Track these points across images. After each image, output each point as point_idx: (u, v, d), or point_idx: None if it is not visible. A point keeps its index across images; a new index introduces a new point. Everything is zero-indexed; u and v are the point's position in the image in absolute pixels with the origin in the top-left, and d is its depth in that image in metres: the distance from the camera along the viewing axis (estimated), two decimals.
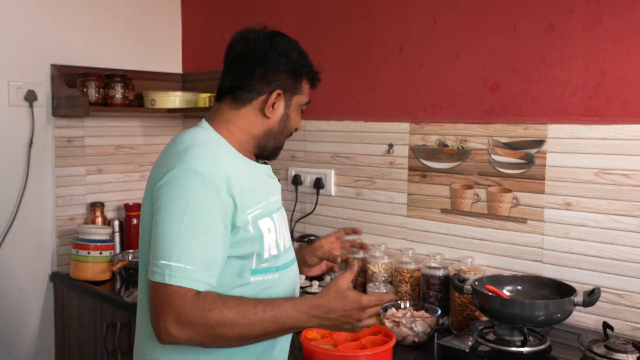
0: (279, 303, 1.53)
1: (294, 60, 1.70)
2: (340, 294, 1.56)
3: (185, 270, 1.46)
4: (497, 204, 2.39)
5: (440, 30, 2.54)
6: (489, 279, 2.17)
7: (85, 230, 3.03)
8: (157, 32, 3.51)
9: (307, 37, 2.97)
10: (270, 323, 1.50)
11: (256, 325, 1.49)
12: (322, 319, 1.56)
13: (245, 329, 1.48)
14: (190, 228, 1.48)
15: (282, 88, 1.69)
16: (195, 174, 1.51)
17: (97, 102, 3.09)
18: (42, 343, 3.18)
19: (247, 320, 1.48)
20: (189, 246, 1.48)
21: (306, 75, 1.75)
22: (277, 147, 1.78)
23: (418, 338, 2.18)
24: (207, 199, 1.51)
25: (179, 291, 1.46)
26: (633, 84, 2.08)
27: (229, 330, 1.47)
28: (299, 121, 1.79)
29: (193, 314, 1.45)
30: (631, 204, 2.09)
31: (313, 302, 1.56)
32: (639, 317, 2.10)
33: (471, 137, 2.45)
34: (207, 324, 1.46)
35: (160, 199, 1.52)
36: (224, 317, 1.46)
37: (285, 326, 1.53)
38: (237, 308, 1.48)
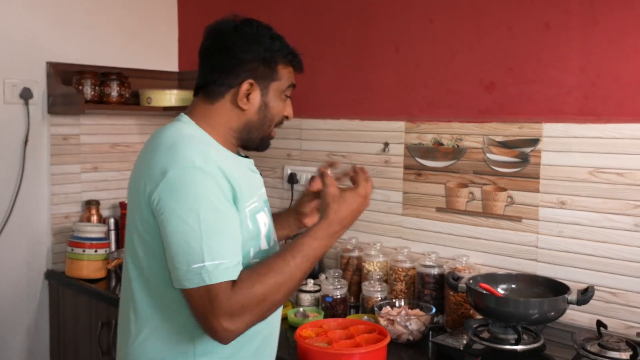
0: (300, 243, 1.54)
1: (264, 46, 1.65)
2: (339, 200, 1.60)
3: (221, 265, 1.45)
4: (492, 203, 2.40)
5: (436, 29, 2.54)
6: (484, 277, 2.18)
7: (80, 228, 3.02)
8: (153, 30, 3.51)
9: (304, 36, 2.98)
10: (306, 263, 1.53)
11: (296, 273, 1.52)
12: (341, 230, 1.60)
13: (289, 282, 1.51)
14: (209, 224, 1.46)
15: (254, 77, 1.64)
16: (193, 170, 1.49)
17: (93, 99, 3.08)
18: (37, 341, 3.17)
19: (287, 274, 1.50)
20: (215, 241, 1.46)
21: (283, 59, 1.68)
22: (263, 138, 1.73)
23: (413, 336, 2.18)
24: (212, 190, 1.49)
25: (220, 287, 1.44)
26: (628, 84, 2.09)
27: (277, 292, 1.49)
28: (283, 108, 1.73)
29: (241, 299, 1.45)
30: (625, 203, 2.10)
31: (325, 223, 1.58)
32: (632, 316, 2.11)
33: (466, 135, 2.46)
34: (257, 300, 1.46)
35: (166, 205, 1.48)
36: (267, 285, 1.48)
37: (317, 257, 1.56)
38: (272, 270, 1.49)
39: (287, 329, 2.31)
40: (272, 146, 1.83)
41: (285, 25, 3.04)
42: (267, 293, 1.47)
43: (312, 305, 2.51)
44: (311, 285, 2.53)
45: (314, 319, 2.29)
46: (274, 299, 1.50)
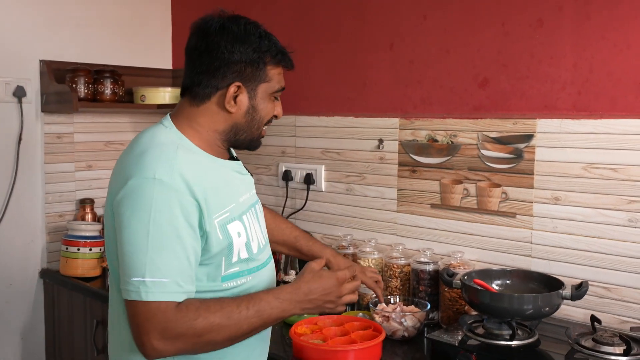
0: (260, 297, 1.52)
1: (252, 46, 1.58)
2: (315, 274, 1.58)
3: (161, 284, 1.42)
4: (487, 199, 2.40)
5: (430, 26, 2.54)
6: (478, 273, 2.18)
7: (75, 227, 3.02)
8: (147, 27, 3.50)
9: (298, 33, 2.99)
10: (256, 318, 1.49)
11: (243, 324, 1.48)
12: (304, 302, 1.55)
13: (233, 329, 1.47)
14: (158, 239, 1.42)
15: (241, 79, 1.59)
16: (153, 181, 1.44)
17: (87, 97, 3.08)
18: (32, 339, 3.18)
19: (233, 321, 1.47)
20: (160, 258, 1.42)
21: (272, 59, 1.62)
22: (252, 140, 1.68)
23: (408, 333, 2.19)
24: (169, 206, 1.44)
25: (160, 306, 1.42)
26: (621, 79, 2.10)
27: (217, 334, 1.46)
28: (272, 109, 1.68)
29: (179, 326, 1.42)
30: (619, 198, 2.11)
31: (292, 287, 1.56)
32: (626, 310, 2.12)
33: (461, 132, 2.46)
34: (194, 333, 1.43)
35: (122, 213, 1.46)
36: (210, 323, 1.44)
37: (270, 318, 1.52)
38: (221, 311, 1.46)
39: (282, 326, 2.31)
40: (267, 144, 1.83)
41: (279, 21, 3.05)
42: (206, 330, 1.44)
43: None
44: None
45: (309, 316, 2.29)
46: (212, 338, 1.46)
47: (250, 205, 1.71)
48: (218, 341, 1.47)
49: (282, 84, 1.68)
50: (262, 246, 1.71)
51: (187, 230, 1.47)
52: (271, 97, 1.66)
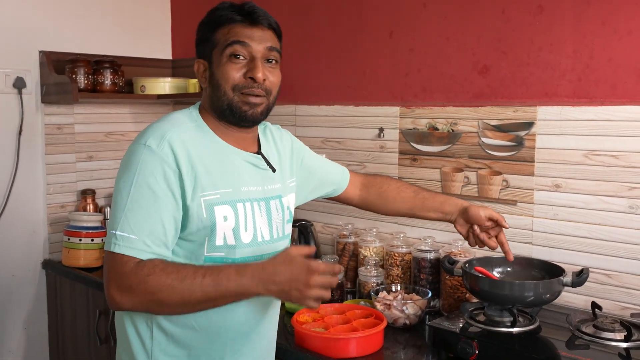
0: (220, 268, 1.50)
1: (203, 25, 1.68)
2: (288, 258, 1.48)
3: (128, 239, 1.49)
4: (487, 187, 2.40)
5: (430, 14, 2.54)
6: (479, 260, 2.18)
7: (76, 218, 3.03)
8: (146, 18, 3.50)
9: (298, 22, 2.98)
10: (212, 287, 1.46)
11: (196, 290, 1.46)
12: (268, 283, 1.46)
13: (185, 293, 1.46)
14: (136, 199, 1.51)
15: (201, 55, 1.68)
16: (143, 147, 1.54)
17: (87, 88, 3.08)
18: (35, 330, 3.19)
19: (186, 285, 1.45)
20: (133, 217, 1.50)
21: (215, 23, 1.64)
22: (230, 107, 1.62)
23: (409, 320, 2.20)
24: (154, 171, 1.52)
25: (122, 259, 1.48)
26: (621, 65, 2.10)
27: (167, 295, 1.46)
28: (233, 70, 1.61)
29: (131, 279, 1.46)
30: (619, 185, 2.11)
31: (258, 265, 1.49)
32: (627, 297, 2.12)
33: (461, 120, 2.46)
34: (145, 289, 1.46)
35: (117, 173, 1.58)
36: (161, 282, 1.45)
37: (228, 291, 1.47)
38: (177, 273, 1.47)
39: (285, 315, 2.32)
40: None
41: (279, 11, 3.04)
42: (156, 289, 1.46)
43: None
44: None
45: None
46: (163, 298, 1.46)
47: (260, 198, 1.69)
48: (170, 303, 1.48)
49: (231, 37, 1.62)
50: (261, 240, 1.68)
51: (167, 196, 1.53)
52: (225, 58, 1.62)
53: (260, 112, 1.66)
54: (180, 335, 1.62)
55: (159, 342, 1.63)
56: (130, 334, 1.66)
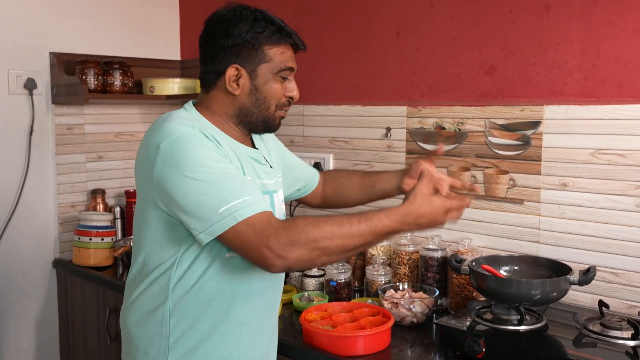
0: (371, 214, 1.54)
1: (245, 28, 1.65)
2: (427, 199, 1.59)
3: (243, 202, 1.48)
4: (494, 186, 2.41)
5: (436, 14, 2.55)
6: (486, 259, 2.19)
7: (86, 217, 3.05)
8: (155, 19, 3.52)
9: (305, 23, 2.99)
10: (368, 231, 1.52)
11: (355, 236, 1.50)
12: (412, 225, 1.58)
13: (346, 239, 1.50)
14: (216, 173, 1.50)
15: (238, 61, 1.66)
16: (184, 136, 1.53)
17: (96, 89, 3.10)
18: (46, 328, 3.22)
19: (346, 231, 1.49)
20: (231, 184, 1.50)
21: (268, 39, 1.67)
22: (265, 121, 1.74)
23: (416, 319, 2.21)
24: (207, 148, 1.53)
25: (261, 218, 1.47)
26: (628, 64, 2.10)
27: (330, 241, 1.48)
28: (279, 90, 1.72)
29: (290, 232, 1.46)
30: (626, 184, 2.11)
31: (404, 210, 1.57)
32: (634, 295, 2.13)
33: (468, 119, 2.47)
34: (308, 239, 1.47)
35: (169, 174, 1.52)
36: (323, 230, 1.48)
37: (381, 234, 1.55)
38: (332, 220, 1.50)
39: (293, 313, 2.34)
40: (275, 132, 1.85)
41: (286, 11, 3.06)
42: (320, 237, 1.47)
43: (317, 289, 2.53)
44: (316, 270, 2.56)
45: (318, 303, 2.32)
46: (326, 245, 1.48)
47: (263, 192, 1.75)
48: (332, 250, 1.49)
49: (288, 63, 1.71)
50: None
51: (228, 162, 1.57)
52: (276, 77, 1.70)
53: None
54: (200, 329, 1.66)
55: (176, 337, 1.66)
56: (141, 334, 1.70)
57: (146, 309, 1.69)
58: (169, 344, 1.66)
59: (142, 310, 1.70)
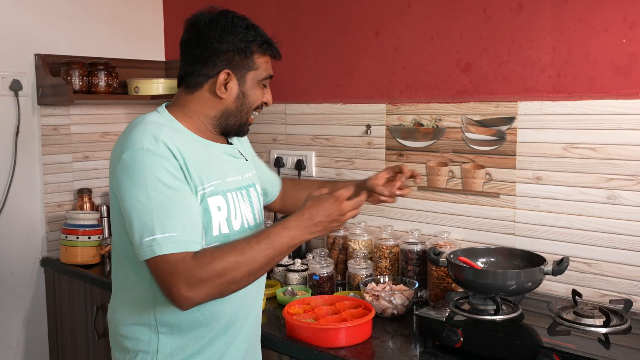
0: (267, 231, 1.59)
1: (238, 36, 1.70)
2: (315, 199, 1.65)
3: (171, 237, 1.51)
4: (471, 180, 2.46)
5: (414, 13, 2.59)
6: (464, 251, 2.23)
7: (73, 216, 3.08)
8: (139, 20, 3.55)
9: (285, 24, 3.03)
10: (269, 249, 1.56)
11: (257, 257, 1.55)
12: (310, 227, 1.62)
13: (250, 263, 1.54)
14: (159, 200, 1.52)
15: (230, 67, 1.71)
16: (142, 152, 1.56)
17: (81, 90, 3.12)
18: (35, 326, 3.24)
19: (248, 256, 1.53)
20: (165, 216, 1.52)
21: (258, 48, 1.74)
22: (241, 125, 1.80)
23: (397, 310, 2.25)
24: (162, 169, 1.55)
25: (176, 257, 1.50)
26: (598, 61, 2.15)
27: (236, 271, 1.52)
28: (260, 96, 1.79)
29: (200, 271, 1.49)
30: (598, 176, 2.16)
31: (296, 216, 1.62)
32: (606, 284, 2.18)
33: (445, 116, 2.52)
34: (215, 274, 1.50)
35: (121, 186, 1.56)
36: (228, 262, 1.51)
37: (282, 246, 1.59)
38: (235, 250, 1.53)
39: (277, 307, 2.37)
40: (259, 131, 1.90)
41: (267, 12, 3.09)
42: (225, 270, 1.51)
43: (300, 283, 2.57)
44: (299, 265, 2.60)
45: (301, 297, 2.36)
46: (233, 276, 1.53)
47: (241, 186, 1.80)
48: (239, 278, 1.54)
49: (270, 72, 1.79)
50: (247, 226, 1.77)
51: (184, 188, 1.58)
52: (260, 84, 1.77)
53: None
54: (186, 327, 1.69)
55: (164, 338, 1.69)
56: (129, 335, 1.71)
57: (131, 309, 1.72)
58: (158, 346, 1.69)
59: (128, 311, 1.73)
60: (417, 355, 1.97)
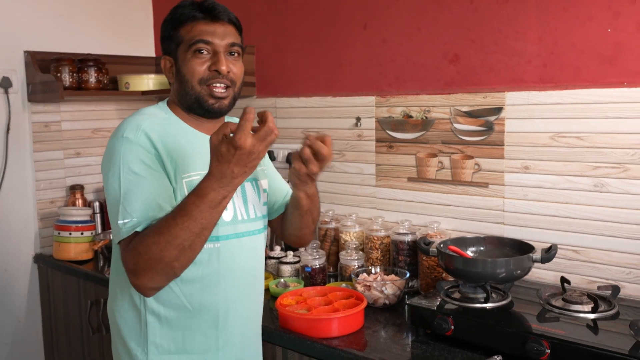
0: (182, 202, 1.49)
1: (165, 23, 1.75)
2: (214, 150, 1.43)
3: (128, 223, 1.53)
4: (460, 171, 2.48)
5: (401, 5, 2.61)
6: (453, 241, 2.24)
7: (66, 212, 3.09)
8: (129, 16, 3.55)
9: (274, 18, 3.04)
10: (186, 219, 1.45)
11: (176, 231, 1.45)
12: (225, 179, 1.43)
13: (173, 239, 1.45)
14: (127, 187, 1.55)
15: (166, 52, 1.75)
16: (121, 139, 1.60)
17: (72, 86, 3.13)
18: (29, 322, 3.25)
19: (166, 233, 1.46)
20: (129, 203, 1.54)
21: (178, 22, 1.72)
22: (197, 99, 1.70)
23: (389, 300, 2.28)
24: (136, 158, 1.58)
25: (125, 243, 1.54)
26: (583, 50, 2.17)
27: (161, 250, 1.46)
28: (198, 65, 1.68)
29: (131, 256, 1.50)
30: (585, 165, 2.18)
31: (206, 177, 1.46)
32: (593, 271, 2.20)
33: (434, 107, 2.53)
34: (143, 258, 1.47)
35: (103, 170, 1.63)
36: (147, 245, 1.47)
37: (203, 214, 1.45)
38: (153, 230, 1.49)
39: (270, 299, 2.38)
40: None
41: (255, 6, 3.10)
42: (149, 251, 1.46)
43: (292, 275, 2.59)
44: (291, 257, 2.62)
45: (294, 288, 2.38)
46: (161, 255, 1.46)
47: None
48: (168, 255, 1.46)
49: (197, 37, 1.69)
50: (241, 218, 1.76)
51: (154, 177, 1.59)
52: (190, 54, 1.69)
53: (227, 104, 1.74)
54: (174, 317, 1.69)
55: (153, 328, 1.69)
56: (122, 324, 1.73)
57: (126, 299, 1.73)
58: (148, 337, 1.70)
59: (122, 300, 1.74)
60: (408, 344, 1.99)
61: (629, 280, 2.13)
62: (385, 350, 1.94)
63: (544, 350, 1.74)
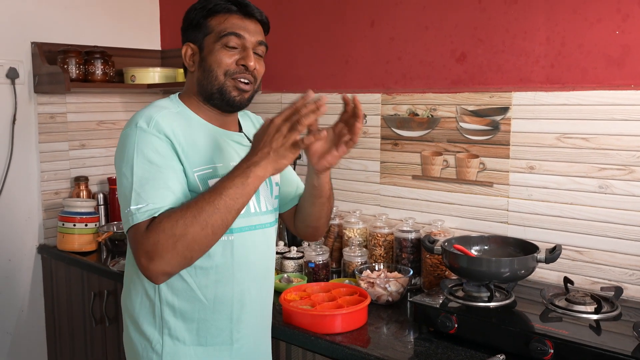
0: (215, 185, 1.52)
1: (194, 11, 1.74)
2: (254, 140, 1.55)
3: (143, 208, 1.51)
4: (465, 169, 2.48)
5: (409, 3, 2.61)
6: (458, 239, 2.25)
7: (70, 204, 3.10)
8: (135, 9, 3.55)
9: (281, 14, 3.04)
10: (215, 196, 1.48)
11: (205, 207, 1.47)
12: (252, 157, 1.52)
13: (200, 215, 1.47)
14: (141, 175, 1.54)
15: (189, 40, 1.74)
16: (135, 129, 1.60)
17: (78, 78, 3.13)
18: (32, 313, 3.26)
19: (194, 209, 1.47)
20: (143, 190, 1.53)
21: (208, 12, 1.72)
22: (220, 91, 1.71)
23: (392, 297, 2.28)
24: (150, 146, 1.57)
25: (138, 227, 1.50)
26: (591, 52, 2.17)
27: (188, 226, 1.46)
28: (226, 57, 1.70)
29: (152, 236, 1.47)
30: (590, 166, 2.18)
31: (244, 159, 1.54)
32: (597, 272, 2.20)
33: (440, 106, 2.54)
34: (167, 236, 1.46)
35: (116, 160, 1.63)
36: (175, 221, 1.46)
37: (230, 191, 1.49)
38: (182, 208, 1.49)
39: (273, 294, 2.39)
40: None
41: (262, 1, 3.10)
42: (175, 226, 1.46)
43: (296, 271, 2.60)
44: (295, 252, 2.63)
45: (298, 284, 2.39)
46: (185, 232, 1.46)
47: None
48: (196, 233, 1.47)
49: (229, 29, 1.70)
50: (254, 211, 1.76)
51: (168, 166, 1.58)
52: (219, 45, 1.70)
53: (247, 98, 1.75)
54: (189, 310, 1.69)
55: (167, 321, 1.69)
56: (136, 312, 1.73)
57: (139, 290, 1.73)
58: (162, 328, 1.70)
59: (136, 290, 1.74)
60: (411, 341, 2.00)
61: (631, 281, 2.14)
62: (388, 347, 1.94)
63: (548, 350, 1.74)
